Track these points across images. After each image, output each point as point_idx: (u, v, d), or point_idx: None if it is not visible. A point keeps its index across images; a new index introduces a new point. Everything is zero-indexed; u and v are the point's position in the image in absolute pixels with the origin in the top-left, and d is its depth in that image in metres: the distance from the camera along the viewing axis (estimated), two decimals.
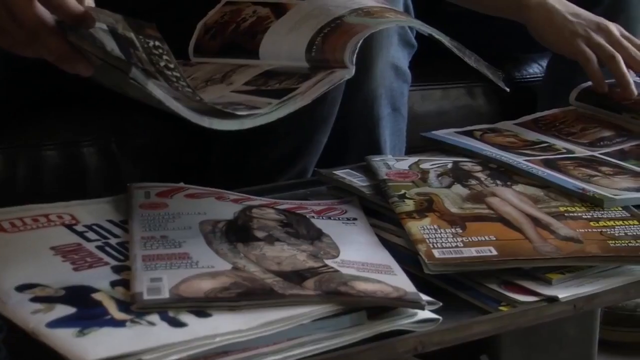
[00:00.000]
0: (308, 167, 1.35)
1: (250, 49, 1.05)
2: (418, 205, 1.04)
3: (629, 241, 0.98)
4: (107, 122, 1.35)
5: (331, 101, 1.31)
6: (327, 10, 1.02)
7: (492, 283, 0.93)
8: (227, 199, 1.07)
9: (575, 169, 1.15)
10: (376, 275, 0.90)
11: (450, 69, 1.66)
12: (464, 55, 1.10)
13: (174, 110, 0.88)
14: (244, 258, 0.91)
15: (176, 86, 0.87)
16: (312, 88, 0.95)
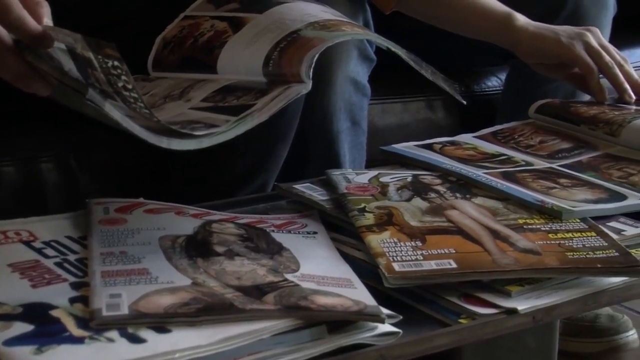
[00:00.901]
0: (268, 181, 1.35)
1: (208, 63, 1.05)
2: (378, 219, 1.04)
3: (587, 253, 0.98)
4: (66, 137, 1.35)
5: (291, 115, 1.31)
6: (283, 24, 1.02)
7: (451, 296, 0.93)
8: (187, 214, 1.06)
9: (534, 181, 1.16)
10: (336, 289, 0.90)
11: (410, 83, 1.67)
12: (420, 68, 1.10)
13: (131, 131, 0.88)
14: (203, 273, 0.91)
15: (134, 107, 0.87)
16: (270, 104, 0.95)
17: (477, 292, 0.93)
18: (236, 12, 1.08)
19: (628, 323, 1.72)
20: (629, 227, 1.07)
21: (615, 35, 1.71)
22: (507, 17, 1.46)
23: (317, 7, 1.08)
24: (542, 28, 1.46)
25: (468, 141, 1.33)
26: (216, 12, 1.10)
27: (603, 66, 1.42)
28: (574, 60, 1.43)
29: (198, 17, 1.11)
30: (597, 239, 1.02)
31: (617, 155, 1.25)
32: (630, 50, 1.97)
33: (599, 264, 0.97)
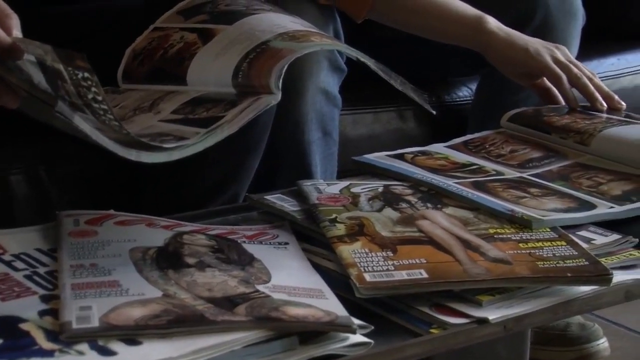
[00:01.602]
0: (239, 192, 1.35)
1: (178, 74, 1.05)
2: (349, 229, 1.04)
3: (557, 262, 0.99)
4: (36, 149, 1.34)
5: (262, 126, 1.31)
6: (252, 36, 1.02)
7: (423, 306, 0.93)
8: (158, 226, 1.06)
9: (505, 191, 1.17)
10: (308, 300, 0.90)
11: (381, 93, 1.67)
12: (389, 78, 1.11)
13: (100, 144, 0.88)
14: (174, 285, 0.91)
15: (103, 119, 0.86)
16: (239, 116, 0.95)
17: (448, 302, 0.94)
18: (206, 23, 1.08)
19: (599, 331, 1.72)
20: (599, 236, 1.07)
21: (584, 46, 1.72)
22: (478, 20, 1.47)
23: (287, 17, 1.08)
24: (513, 35, 1.47)
25: (439, 151, 1.33)
26: (186, 23, 1.10)
27: (572, 77, 1.43)
28: (542, 70, 1.44)
29: (168, 28, 1.11)
30: (567, 248, 1.02)
31: (588, 165, 1.26)
32: (599, 60, 1.99)
33: (569, 273, 0.97)
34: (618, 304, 1.02)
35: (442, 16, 1.50)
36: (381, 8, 1.49)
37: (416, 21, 1.52)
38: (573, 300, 0.97)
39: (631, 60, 2.03)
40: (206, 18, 1.09)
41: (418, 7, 1.50)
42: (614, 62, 2.01)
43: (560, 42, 1.65)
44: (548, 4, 1.64)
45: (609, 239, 1.06)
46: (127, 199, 1.34)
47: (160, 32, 1.11)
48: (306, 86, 1.42)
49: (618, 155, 1.25)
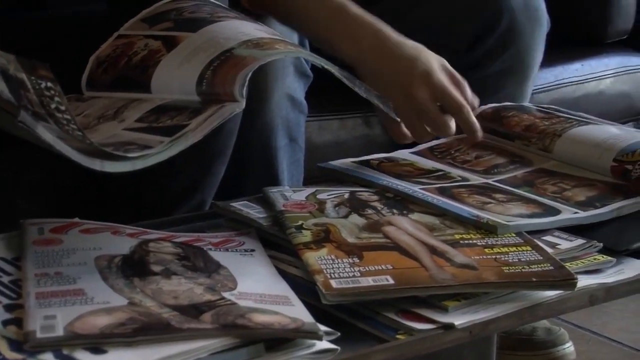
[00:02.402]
0: (206, 200, 1.34)
1: (142, 82, 1.04)
2: (315, 236, 1.04)
3: (523, 267, 0.99)
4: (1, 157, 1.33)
5: (227, 133, 1.31)
6: (216, 43, 1.02)
7: (389, 312, 0.93)
8: (123, 234, 1.06)
9: (470, 197, 1.17)
10: (274, 307, 0.90)
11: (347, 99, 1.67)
12: (354, 85, 1.11)
13: (64, 153, 0.87)
14: (140, 293, 0.90)
15: (67, 129, 0.86)
16: (203, 124, 0.95)
17: (414, 308, 0.94)
18: (170, 31, 1.08)
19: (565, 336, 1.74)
20: (564, 240, 1.08)
21: (548, 52, 1.73)
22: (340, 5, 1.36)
23: (251, 25, 1.08)
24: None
25: (405, 157, 1.33)
26: (150, 31, 1.10)
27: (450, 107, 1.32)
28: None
29: (132, 36, 1.10)
30: (532, 253, 1.03)
31: (552, 170, 1.27)
32: (564, 66, 2.01)
33: (535, 277, 0.98)
34: (583, 308, 1.03)
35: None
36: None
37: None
38: (538, 305, 0.98)
39: (595, 66, 2.05)
40: (171, 25, 1.09)
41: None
42: (578, 67, 2.03)
43: (525, 48, 1.67)
44: (513, 11, 1.65)
45: (574, 243, 1.07)
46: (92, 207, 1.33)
47: (124, 39, 1.11)
48: (272, 92, 1.42)
49: (580, 161, 1.26)
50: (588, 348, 1.90)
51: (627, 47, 2.15)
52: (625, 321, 2.02)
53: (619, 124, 1.43)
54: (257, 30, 1.06)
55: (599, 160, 1.24)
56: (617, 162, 1.22)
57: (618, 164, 1.22)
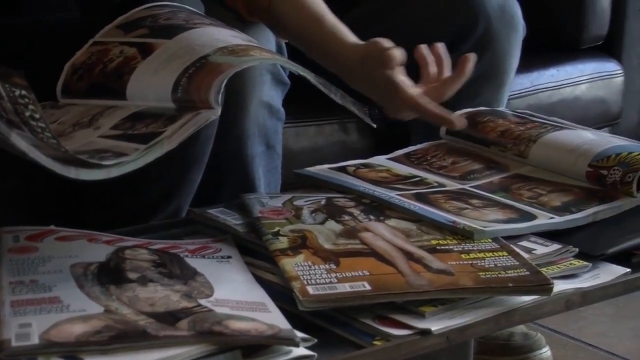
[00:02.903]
0: (182, 206, 1.34)
1: (117, 89, 1.04)
2: (292, 242, 1.04)
3: (499, 272, 1.00)
4: None
5: (204, 140, 1.31)
6: (192, 50, 1.02)
7: (366, 318, 0.94)
8: (100, 241, 1.05)
9: (447, 202, 1.17)
10: (250, 314, 0.90)
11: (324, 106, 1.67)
12: (330, 92, 1.11)
13: (38, 161, 0.87)
14: (116, 300, 0.90)
15: (41, 137, 0.86)
16: (179, 131, 0.95)
17: (391, 314, 0.94)
18: (145, 37, 1.08)
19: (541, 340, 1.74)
20: (540, 246, 1.08)
21: (524, 57, 1.74)
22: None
23: (227, 32, 1.08)
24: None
25: (381, 163, 1.33)
26: (125, 37, 1.10)
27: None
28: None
29: (107, 43, 1.10)
30: (508, 258, 1.03)
31: (528, 176, 1.27)
32: (540, 71, 2.01)
33: (511, 283, 0.98)
34: (559, 313, 1.03)
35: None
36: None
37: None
38: (515, 310, 0.98)
39: (570, 72, 2.05)
40: (146, 32, 1.09)
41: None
42: (554, 73, 2.03)
43: (501, 54, 1.67)
44: (489, 16, 1.65)
45: (550, 248, 1.08)
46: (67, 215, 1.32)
47: (99, 46, 1.10)
48: (249, 100, 1.42)
49: (555, 167, 1.27)
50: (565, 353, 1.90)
51: (602, 52, 2.16)
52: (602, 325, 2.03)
53: (594, 129, 1.43)
54: (233, 37, 1.06)
55: (574, 166, 1.24)
56: (592, 168, 1.23)
57: (593, 169, 1.23)
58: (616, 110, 2.14)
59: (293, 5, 1.40)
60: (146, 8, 1.13)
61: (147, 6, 1.14)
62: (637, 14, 2.19)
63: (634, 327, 2.05)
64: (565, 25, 2.15)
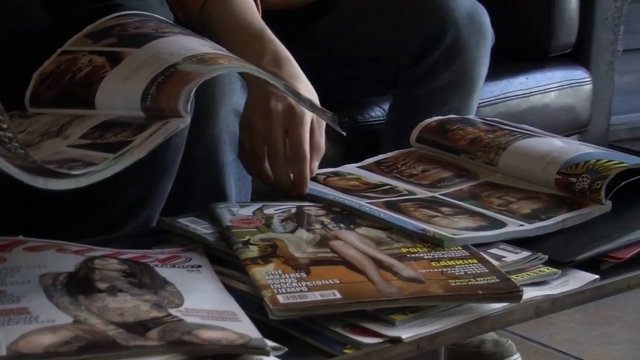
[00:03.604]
0: (152, 216, 1.34)
1: (86, 98, 1.04)
2: (262, 251, 1.04)
3: (469, 280, 1.00)
4: None
5: (174, 149, 1.30)
6: (161, 59, 1.02)
7: (336, 326, 0.93)
8: (69, 251, 1.05)
9: (417, 210, 1.17)
10: (221, 323, 0.90)
11: None
12: (299, 100, 1.11)
13: (5, 171, 0.87)
14: (85, 310, 0.89)
15: (9, 147, 0.85)
16: (148, 140, 0.95)
17: (361, 322, 0.94)
18: (114, 46, 1.07)
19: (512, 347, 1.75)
20: (509, 253, 1.09)
21: (493, 66, 1.75)
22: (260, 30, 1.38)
23: (197, 40, 1.07)
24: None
25: (352, 172, 1.34)
26: (94, 46, 1.09)
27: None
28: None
29: (76, 52, 1.09)
30: (478, 265, 1.03)
31: (497, 184, 1.28)
32: (509, 79, 2.02)
33: (481, 290, 0.98)
34: (529, 320, 1.03)
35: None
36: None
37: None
38: (484, 317, 0.98)
39: (539, 80, 2.07)
40: (115, 41, 1.08)
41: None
42: (523, 81, 2.04)
43: (470, 62, 1.68)
44: (458, 25, 1.66)
45: (519, 256, 1.08)
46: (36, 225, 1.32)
47: (68, 55, 1.10)
48: (219, 107, 1.42)
49: (525, 174, 1.27)
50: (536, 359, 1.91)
51: (570, 60, 2.17)
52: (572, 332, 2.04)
53: (563, 137, 1.44)
54: (202, 45, 1.06)
55: (544, 173, 1.25)
56: (561, 175, 1.24)
57: (562, 177, 1.23)
58: (585, 117, 2.15)
59: (220, 10, 1.40)
60: (115, 17, 1.13)
61: (115, 15, 1.14)
62: (605, 22, 2.21)
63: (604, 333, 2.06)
64: (534, 34, 2.17)
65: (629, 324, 2.11)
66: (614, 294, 1.10)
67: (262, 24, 1.38)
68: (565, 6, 2.15)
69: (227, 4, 1.40)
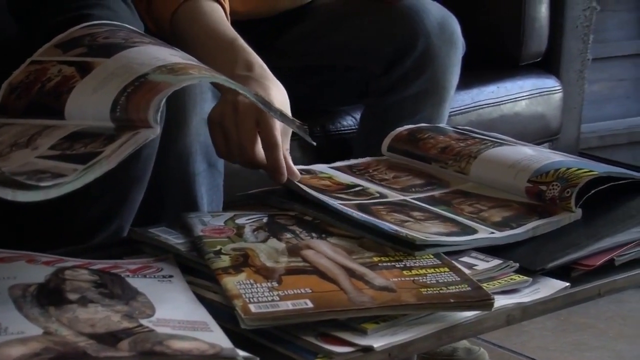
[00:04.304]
0: (124, 226, 1.33)
1: (56, 108, 1.03)
2: (234, 261, 1.04)
3: (440, 288, 1.00)
4: None
5: (145, 159, 1.30)
6: (130, 69, 1.01)
7: (308, 335, 0.93)
8: (39, 262, 1.04)
9: (388, 214, 1.18)
10: (192, 333, 0.89)
11: None
12: (269, 109, 1.11)
13: None
14: (55, 322, 0.89)
15: None
16: (118, 150, 0.94)
17: (333, 331, 0.94)
18: (84, 56, 1.07)
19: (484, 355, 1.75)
20: (480, 261, 1.09)
21: (464, 75, 1.75)
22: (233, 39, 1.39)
23: (167, 50, 1.07)
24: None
25: (323, 170, 1.34)
26: (64, 56, 1.09)
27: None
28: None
29: (45, 62, 1.09)
30: (450, 274, 1.04)
31: (468, 192, 1.28)
32: (480, 88, 2.03)
33: (452, 298, 0.98)
34: (500, 328, 1.04)
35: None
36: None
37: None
38: (456, 325, 0.98)
39: (510, 88, 2.08)
40: (85, 51, 1.08)
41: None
42: (494, 89, 2.06)
43: (441, 71, 1.69)
44: (429, 34, 1.67)
45: (491, 264, 1.08)
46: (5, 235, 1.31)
47: (37, 65, 1.09)
48: (190, 117, 1.42)
49: (496, 183, 1.28)
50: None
51: (540, 69, 2.19)
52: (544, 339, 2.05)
53: (534, 145, 1.45)
54: (172, 55, 1.05)
55: (514, 182, 1.26)
56: (532, 183, 1.24)
57: (533, 185, 1.24)
58: (555, 125, 2.17)
59: (191, 20, 1.41)
60: (85, 27, 1.13)
61: (85, 25, 1.13)
62: (575, 31, 2.23)
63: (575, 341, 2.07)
64: (505, 42, 2.18)
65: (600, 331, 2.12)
66: (584, 302, 1.10)
67: (234, 33, 1.38)
68: (535, 15, 2.16)
69: (197, 13, 1.40)
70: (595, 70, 2.73)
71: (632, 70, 3.04)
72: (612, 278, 1.11)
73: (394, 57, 1.68)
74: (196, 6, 1.41)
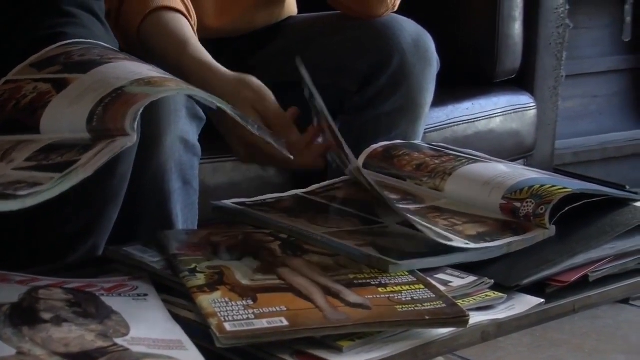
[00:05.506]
0: (99, 244, 1.32)
1: (31, 124, 1.03)
2: (209, 279, 1.04)
3: (416, 305, 1.00)
4: None
5: (120, 176, 1.30)
6: (107, 83, 1.01)
7: (284, 353, 0.93)
8: (12, 281, 1.04)
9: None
10: (167, 352, 0.89)
11: None
12: (247, 123, 1.11)
13: None
14: (29, 342, 0.88)
15: None
16: (94, 158, 0.94)
17: (309, 349, 0.94)
18: (60, 74, 1.07)
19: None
20: (456, 278, 1.09)
21: (439, 91, 1.76)
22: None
23: (143, 66, 1.07)
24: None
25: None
26: (39, 74, 1.09)
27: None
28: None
29: (20, 80, 1.09)
30: (425, 291, 1.04)
31: (443, 208, 1.28)
32: (455, 105, 2.04)
33: (427, 315, 0.99)
34: (475, 344, 1.04)
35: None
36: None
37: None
38: (432, 342, 0.99)
39: (485, 105, 2.09)
40: (60, 69, 1.08)
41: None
42: (469, 106, 2.06)
43: (416, 88, 1.69)
44: (404, 51, 1.67)
45: (466, 281, 1.09)
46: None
47: (12, 84, 1.09)
48: (165, 135, 1.42)
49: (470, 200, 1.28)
50: None
51: (515, 86, 2.19)
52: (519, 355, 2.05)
53: (509, 162, 1.45)
54: (149, 70, 1.05)
55: (489, 198, 1.26)
56: (506, 200, 1.24)
57: (507, 202, 1.24)
58: (530, 142, 2.18)
59: (157, 30, 1.50)
60: (60, 46, 1.13)
61: (60, 44, 1.13)
62: (548, 48, 2.24)
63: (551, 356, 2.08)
64: (479, 60, 2.19)
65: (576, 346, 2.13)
66: (559, 317, 1.11)
67: (186, 36, 1.49)
68: (509, 33, 2.17)
69: (161, 22, 1.47)
70: (569, 86, 2.75)
71: (606, 87, 3.06)
72: (587, 294, 1.12)
73: (368, 74, 1.68)
74: (160, 16, 1.50)
